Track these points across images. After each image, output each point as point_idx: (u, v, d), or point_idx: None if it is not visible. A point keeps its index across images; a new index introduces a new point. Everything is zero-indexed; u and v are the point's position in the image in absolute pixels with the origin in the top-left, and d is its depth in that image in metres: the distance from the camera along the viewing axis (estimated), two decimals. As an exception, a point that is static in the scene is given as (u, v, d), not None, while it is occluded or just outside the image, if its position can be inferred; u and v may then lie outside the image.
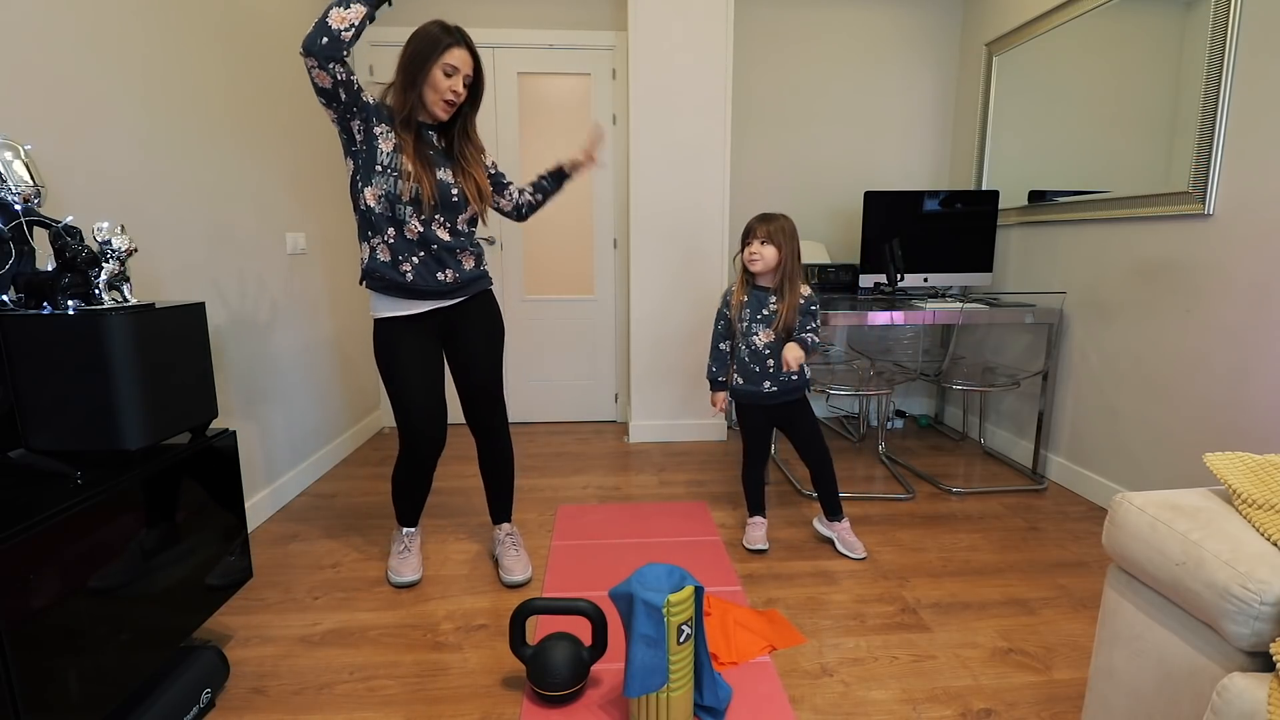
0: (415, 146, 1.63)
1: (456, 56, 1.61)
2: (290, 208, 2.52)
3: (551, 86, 3.26)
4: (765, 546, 2.06)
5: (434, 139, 1.71)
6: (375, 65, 3.15)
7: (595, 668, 1.47)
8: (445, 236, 1.69)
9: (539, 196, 1.96)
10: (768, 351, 1.96)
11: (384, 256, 1.66)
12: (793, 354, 1.85)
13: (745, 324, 1.98)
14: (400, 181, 1.61)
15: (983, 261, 2.92)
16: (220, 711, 1.38)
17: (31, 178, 1.15)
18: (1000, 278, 3.02)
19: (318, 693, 1.43)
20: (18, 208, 1.14)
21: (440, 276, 1.70)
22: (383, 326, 1.72)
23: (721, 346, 2.06)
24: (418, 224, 1.65)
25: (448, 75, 1.61)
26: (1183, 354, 2.09)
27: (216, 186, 2.08)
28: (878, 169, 3.41)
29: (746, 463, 2.12)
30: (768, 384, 1.98)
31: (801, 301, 1.96)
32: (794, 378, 1.96)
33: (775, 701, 1.39)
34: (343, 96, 1.53)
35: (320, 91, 1.51)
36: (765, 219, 1.91)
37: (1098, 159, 2.42)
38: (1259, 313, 1.85)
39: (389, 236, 1.64)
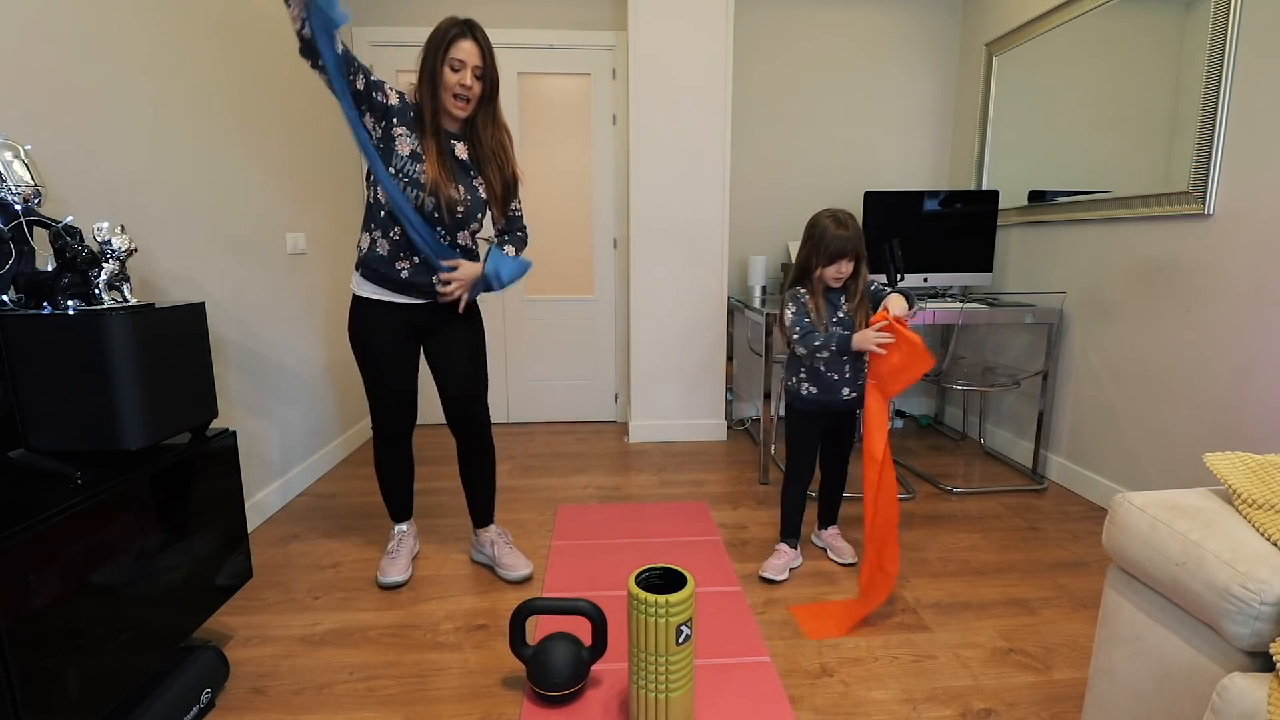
0: (437, 156, 1.60)
1: (464, 50, 1.57)
2: (290, 208, 2.52)
3: (552, 86, 3.26)
4: (782, 579, 1.88)
5: (455, 148, 1.67)
6: (375, 65, 3.15)
7: (595, 668, 1.47)
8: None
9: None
10: (845, 357, 1.80)
11: (383, 252, 1.66)
12: (896, 304, 1.67)
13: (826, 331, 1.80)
14: (415, 190, 1.59)
15: (983, 261, 2.92)
16: (220, 711, 1.38)
17: (31, 178, 1.16)
18: (1000, 278, 3.02)
19: (318, 693, 1.43)
20: (18, 208, 1.15)
21: (435, 280, 1.69)
22: (362, 305, 1.72)
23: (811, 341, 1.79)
24: None
25: (455, 70, 1.57)
26: (1183, 354, 2.09)
27: (216, 186, 2.07)
28: (878, 169, 3.41)
29: (789, 478, 1.93)
30: (846, 390, 1.83)
31: (872, 289, 1.83)
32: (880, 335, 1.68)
33: (775, 701, 1.39)
34: (353, 90, 1.51)
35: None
36: (841, 223, 1.75)
37: (1098, 159, 2.41)
38: (1259, 313, 1.85)
39: (393, 234, 1.64)
